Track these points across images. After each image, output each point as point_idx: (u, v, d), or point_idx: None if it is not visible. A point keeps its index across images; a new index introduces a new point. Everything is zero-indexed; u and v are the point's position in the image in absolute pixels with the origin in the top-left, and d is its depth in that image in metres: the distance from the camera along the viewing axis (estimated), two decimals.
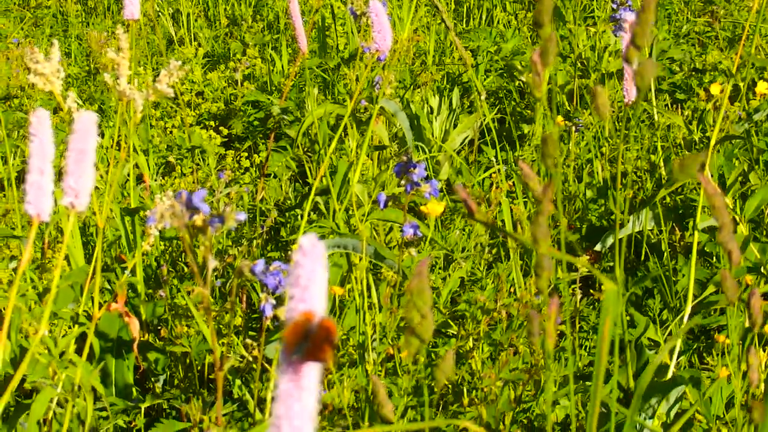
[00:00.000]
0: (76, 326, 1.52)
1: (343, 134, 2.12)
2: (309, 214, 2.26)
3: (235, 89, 3.38)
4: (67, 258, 2.18)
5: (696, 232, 1.48)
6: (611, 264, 2.18)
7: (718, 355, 1.79)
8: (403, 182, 1.41)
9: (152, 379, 1.95)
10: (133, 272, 1.92)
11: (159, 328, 2.04)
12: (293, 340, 0.55)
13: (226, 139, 3.05)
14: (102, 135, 3.04)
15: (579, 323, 1.91)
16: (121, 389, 1.90)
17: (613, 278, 0.85)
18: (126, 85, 1.30)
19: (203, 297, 0.93)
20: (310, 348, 0.55)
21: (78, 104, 1.33)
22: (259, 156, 2.96)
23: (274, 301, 1.31)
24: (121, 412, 1.80)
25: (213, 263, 0.93)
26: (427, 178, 1.41)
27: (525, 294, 1.30)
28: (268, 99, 3.12)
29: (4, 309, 1.45)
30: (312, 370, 0.55)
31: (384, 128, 1.87)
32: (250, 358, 1.76)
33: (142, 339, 1.92)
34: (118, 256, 2.13)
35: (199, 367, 1.94)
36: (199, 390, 1.83)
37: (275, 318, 1.32)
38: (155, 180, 2.69)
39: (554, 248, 0.80)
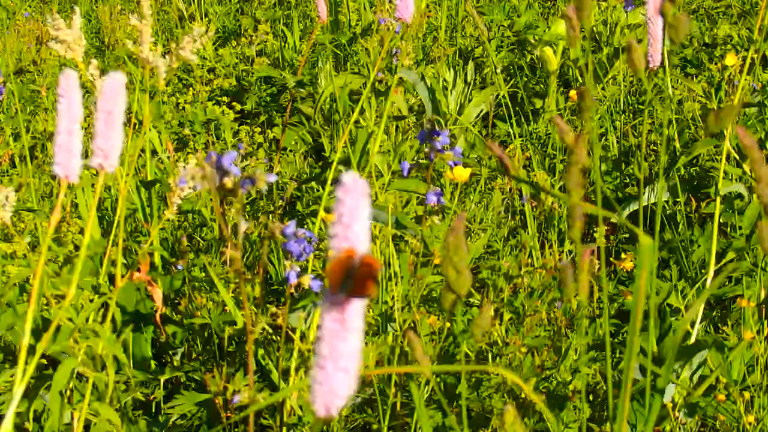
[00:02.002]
0: (97, 296, 1.52)
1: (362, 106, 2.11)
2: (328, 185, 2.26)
3: (246, 65, 3.38)
4: (81, 231, 2.18)
5: (717, 197, 1.48)
6: (626, 236, 2.17)
7: (733, 325, 1.79)
8: (426, 149, 1.40)
9: (170, 352, 1.96)
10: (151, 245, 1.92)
11: (176, 301, 2.04)
12: (337, 278, 0.55)
13: (238, 115, 3.05)
14: None
15: (597, 293, 1.91)
16: (140, 362, 1.91)
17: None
18: (149, 52, 1.30)
19: (235, 259, 0.93)
20: (353, 284, 0.55)
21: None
22: (272, 131, 2.95)
23: (298, 269, 1.31)
24: (141, 385, 1.80)
25: (245, 225, 0.93)
26: (450, 146, 1.41)
27: (549, 259, 1.30)
28: (281, 74, 3.11)
29: (27, 280, 1.45)
30: (356, 309, 0.55)
31: (402, 99, 1.86)
32: (270, 330, 1.77)
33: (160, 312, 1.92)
34: (135, 228, 2.13)
35: (217, 340, 1.94)
36: (219, 362, 1.83)
37: (298, 286, 1.32)
38: (168, 156, 2.69)
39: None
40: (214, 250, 2.17)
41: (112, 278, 1.71)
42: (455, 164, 1.41)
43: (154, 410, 1.80)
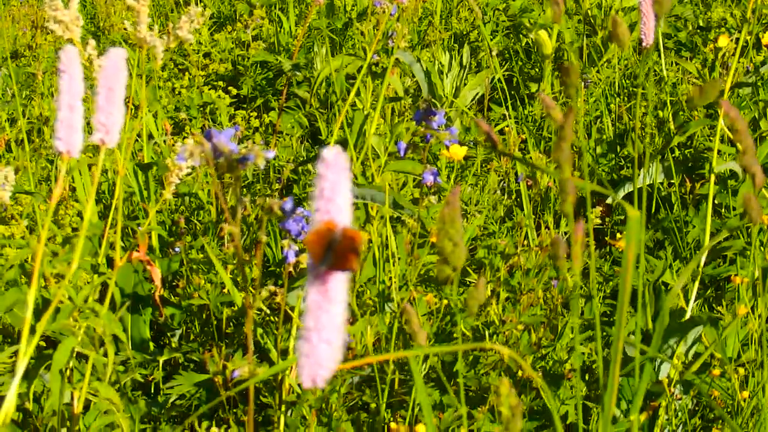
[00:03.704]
0: (96, 276, 1.53)
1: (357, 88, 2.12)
2: None
3: (242, 50, 3.38)
4: (79, 214, 2.19)
5: (711, 175, 1.49)
6: (622, 217, 2.19)
7: (728, 305, 1.80)
8: (422, 129, 1.41)
9: (168, 333, 1.97)
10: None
11: (174, 283, 2.05)
12: (317, 250, 0.55)
13: (234, 100, 3.05)
14: None
15: (594, 274, 1.92)
16: (138, 344, 1.92)
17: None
18: (146, 33, 1.30)
19: (234, 234, 0.94)
20: (335, 257, 0.55)
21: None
22: (268, 116, 2.96)
23: (297, 248, 1.32)
24: (139, 366, 1.81)
25: (244, 201, 0.94)
26: (446, 127, 1.42)
27: (545, 238, 1.31)
28: (276, 59, 3.11)
29: (27, 260, 1.46)
30: (339, 281, 0.56)
31: (399, 80, 1.87)
32: (268, 310, 1.78)
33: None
34: (132, 211, 2.14)
35: (215, 321, 1.95)
36: (218, 342, 1.84)
37: (296, 265, 1.33)
38: (164, 140, 2.70)
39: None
40: (211, 233, 2.18)
41: (110, 260, 1.72)
42: (451, 143, 1.42)
43: (153, 391, 1.81)
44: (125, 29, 1.32)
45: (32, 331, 1.53)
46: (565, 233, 1.78)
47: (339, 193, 0.54)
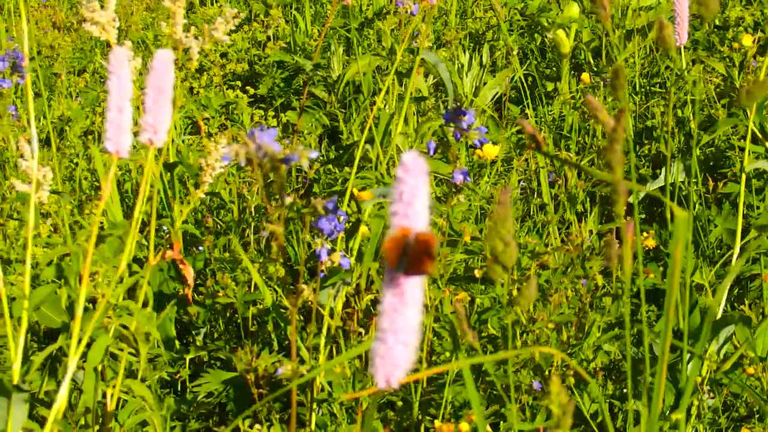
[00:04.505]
0: (127, 275, 1.54)
1: (377, 88, 2.13)
2: (343, 168, 2.28)
3: (258, 50, 3.39)
4: (104, 213, 2.20)
5: (743, 174, 1.50)
6: (643, 216, 2.19)
7: (751, 304, 1.81)
8: (452, 129, 1.42)
9: (193, 332, 1.98)
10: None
11: (198, 282, 2.06)
12: (393, 256, 0.57)
13: (252, 99, 3.07)
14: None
15: (616, 273, 1.93)
16: (164, 342, 1.93)
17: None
18: (182, 33, 1.31)
19: (278, 234, 0.95)
20: (410, 262, 0.57)
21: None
22: (285, 115, 2.97)
23: (329, 247, 1.33)
24: (166, 364, 1.82)
25: (288, 199, 0.95)
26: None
27: (576, 237, 1.32)
28: (293, 58, 3.13)
29: (61, 259, 1.47)
30: (414, 284, 0.57)
31: (423, 80, 1.88)
32: (291, 307, 1.79)
33: (181, 293, 1.95)
34: (156, 210, 2.15)
35: (239, 320, 1.97)
36: (243, 341, 1.85)
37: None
38: (182, 140, 2.71)
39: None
40: (233, 232, 2.19)
41: (136, 258, 1.73)
42: (481, 143, 1.43)
43: (179, 389, 1.83)
44: (143, 28, 1.33)
45: (65, 329, 1.55)
46: (591, 231, 1.79)
47: (417, 197, 0.55)
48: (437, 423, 1.12)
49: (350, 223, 1.61)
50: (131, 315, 1.41)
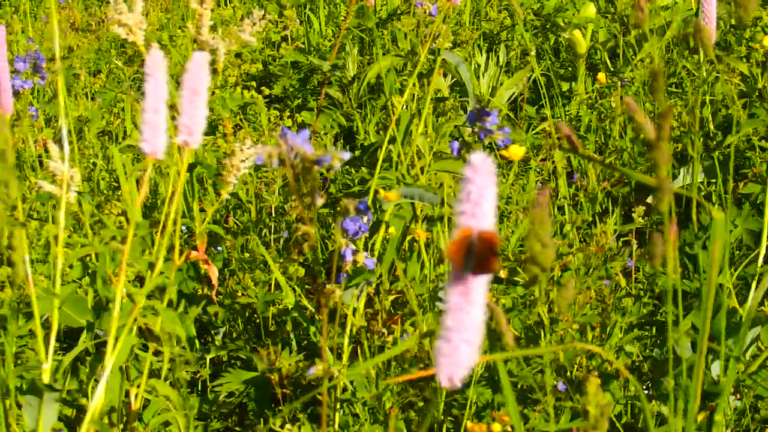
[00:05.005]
0: (149, 274, 1.55)
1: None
2: (359, 169, 2.29)
3: (272, 50, 3.40)
4: (123, 213, 2.21)
5: None
6: (659, 217, 2.19)
7: None
8: (475, 129, 1.43)
9: (212, 331, 1.99)
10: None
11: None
12: (458, 257, 0.57)
13: (266, 100, 3.07)
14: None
15: (635, 274, 1.93)
16: (184, 342, 1.93)
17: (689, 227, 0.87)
18: (208, 35, 1.32)
19: (309, 235, 0.95)
20: (475, 262, 0.57)
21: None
22: (300, 115, 2.98)
23: (354, 247, 1.33)
24: (187, 363, 1.83)
25: (320, 201, 0.96)
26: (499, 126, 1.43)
27: (602, 237, 1.33)
28: (307, 59, 3.13)
29: (88, 258, 1.48)
30: (479, 283, 0.58)
31: (443, 80, 1.88)
32: (312, 308, 1.80)
33: (200, 293, 1.95)
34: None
35: (258, 320, 1.97)
36: (264, 340, 1.86)
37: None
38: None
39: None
40: (251, 232, 2.19)
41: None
42: (505, 143, 1.43)
43: (200, 388, 1.83)
44: (158, 29, 1.34)
45: (90, 328, 1.55)
46: (614, 231, 1.79)
47: (485, 197, 0.55)
48: (468, 423, 1.12)
49: (372, 224, 1.61)
50: (155, 315, 1.42)
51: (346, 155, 0.99)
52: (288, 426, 1.08)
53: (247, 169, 1.40)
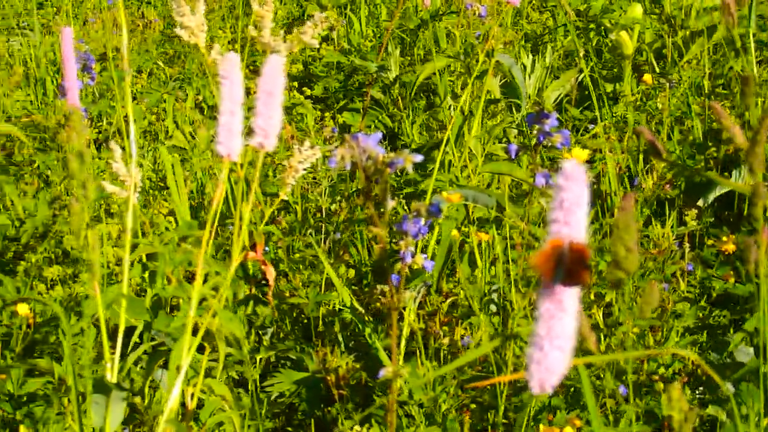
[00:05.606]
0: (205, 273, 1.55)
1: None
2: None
3: (312, 51, 3.40)
4: (171, 213, 2.22)
5: None
6: (711, 219, 2.18)
7: None
8: (535, 132, 1.42)
9: (260, 332, 1.99)
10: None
11: (262, 282, 2.07)
12: (548, 270, 0.57)
13: (308, 101, 3.08)
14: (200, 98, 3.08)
15: (686, 278, 1.92)
16: (243, 342, 1.94)
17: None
18: (270, 37, 1.32)
19: (381, 237, 0.95)
20: (566, 274, 0.57)
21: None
22: (341, 116, 2.98)
23: (413, 249, 1.33)
24: (239, 363, 1.83)
25: (391, 203, 0.96)
26: (558, 128, 1.42)
27: (663, 240, 1.32)
28: (348, 60, 3.13)
29: (146, 258, 1.48)
30: (571, 293, 0.57)
31: (496, 82, 1.88)
32: (362, 309, 1.79)
33: (248, 293, 1.96)
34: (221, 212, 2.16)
35: (305, 320, 1.97)
36: (314, 341, 1.86)
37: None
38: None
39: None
40: (297, 232, 2.20)
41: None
42: (564, 145, 1.43)
43: (251, 388, 1.83)
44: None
45: (147, 327, 1.56)
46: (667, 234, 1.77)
47: (578, 206, 0.55)
48: (542, 427, 1.12)
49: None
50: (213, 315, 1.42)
51: (419, 157, 0.99)
52: (356, 428, 1.08)
53: (305, 171, 1.40)
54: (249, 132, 0.94)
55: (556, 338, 0.57)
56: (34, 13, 3.81)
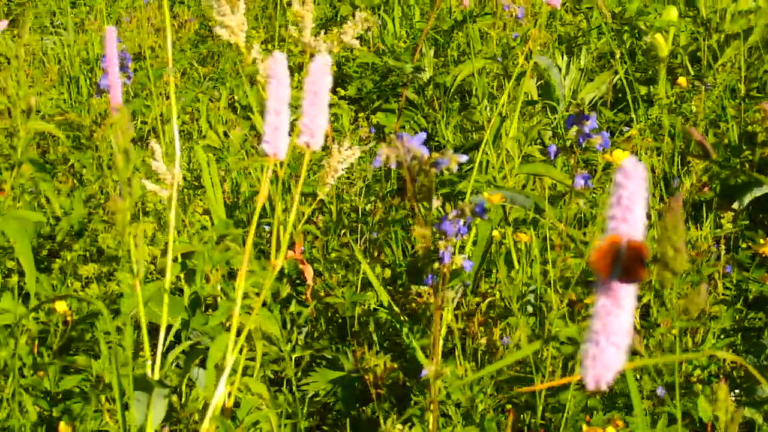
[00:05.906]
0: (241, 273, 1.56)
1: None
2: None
3: (346, 51, 3.41)
4: (206, 212, 2.23)
5: None
6: (746, 222, 2.16)
7: None
8: (573, 133, 1.42)
9: (294, 330, 2.00)
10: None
11: (297, 281, 2.08)
12: (604, 265, 0.57)
13: (345, 101, 3.09)
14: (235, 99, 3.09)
15: (721, 280, 1.91)
16: (282, 341, 1.95)
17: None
18: (310, 37, 1.33)
19: (426, 237, 0.95)
20: (623, 271, 0.57)
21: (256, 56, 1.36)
22: (375, 116, 2.98)
23: (452, 249, 1.33)
24: (275, 362, 1.84)
25: (436, 202, 0.96)
26: (597, 130, 1.42)
27: (703, 242, 1.31)
28: (382, 61, 3.14)
29: (180, 257, 1.49)
30: (628, 289, 0.58)
31: (534, 84, 1.88)
32: (397, 309, 1.80)
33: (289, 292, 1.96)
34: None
35: (339, 320, 1.98)
36: (349, 340, 1.87)
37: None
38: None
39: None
40: (332, 232, 2.20)
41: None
42: (603, 147, 1.42)
43: (285, 387, 1.84)
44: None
45: (185, 326, 1.57)
46: (707, 237, 1.77)
47: (636, 203, 0.55)
48: (585, 428, 1.12)
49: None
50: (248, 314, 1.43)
51: (464, 158, 0.99)
52: (398, 426, 1.09)
53: (345, 171, 1.40)
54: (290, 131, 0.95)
55: (612, 334, 0.57)
56: (68, 12, 3.85)
